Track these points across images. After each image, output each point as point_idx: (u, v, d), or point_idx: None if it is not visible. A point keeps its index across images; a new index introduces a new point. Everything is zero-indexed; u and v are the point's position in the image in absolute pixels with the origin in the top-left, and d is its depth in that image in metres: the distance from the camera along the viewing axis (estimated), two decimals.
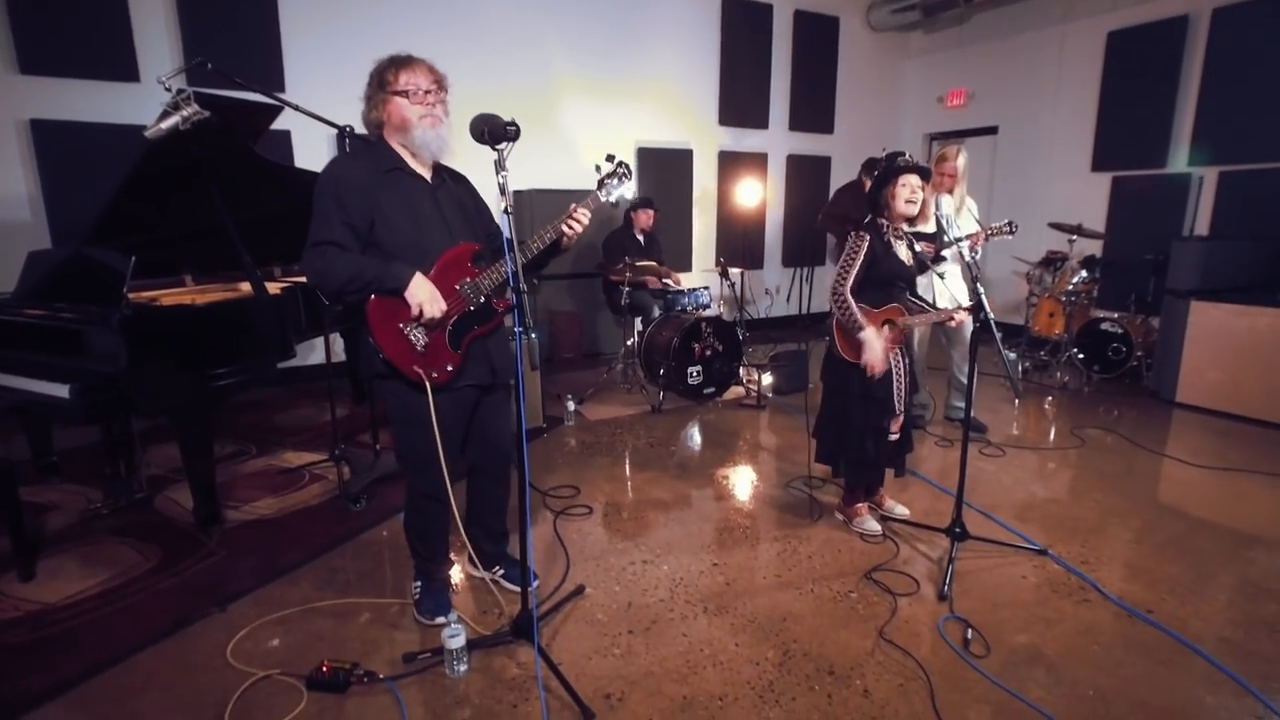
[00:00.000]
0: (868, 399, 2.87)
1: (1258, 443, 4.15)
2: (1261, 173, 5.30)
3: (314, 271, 2.01)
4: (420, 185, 2.15)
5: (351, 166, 2.08)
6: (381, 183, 2.06)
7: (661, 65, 6.65)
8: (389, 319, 2.05)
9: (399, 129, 2.09)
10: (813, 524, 3.16)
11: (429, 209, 2.15)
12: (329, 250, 1.99)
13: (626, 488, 3.58)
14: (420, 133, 2.07)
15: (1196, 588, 2.60)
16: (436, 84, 2.10)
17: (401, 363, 2.07)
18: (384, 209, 2.05)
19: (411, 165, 2.15)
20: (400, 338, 2.07)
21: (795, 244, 7.80)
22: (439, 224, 2.15)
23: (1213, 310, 4.64)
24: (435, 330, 2.11)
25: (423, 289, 2.04)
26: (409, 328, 2.07)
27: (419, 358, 2.09)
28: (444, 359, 2.13)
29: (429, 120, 2.09)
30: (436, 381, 2.10)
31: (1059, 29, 6.51)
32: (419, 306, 2.03)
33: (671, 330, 4.92)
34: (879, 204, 2.84)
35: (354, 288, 2.00)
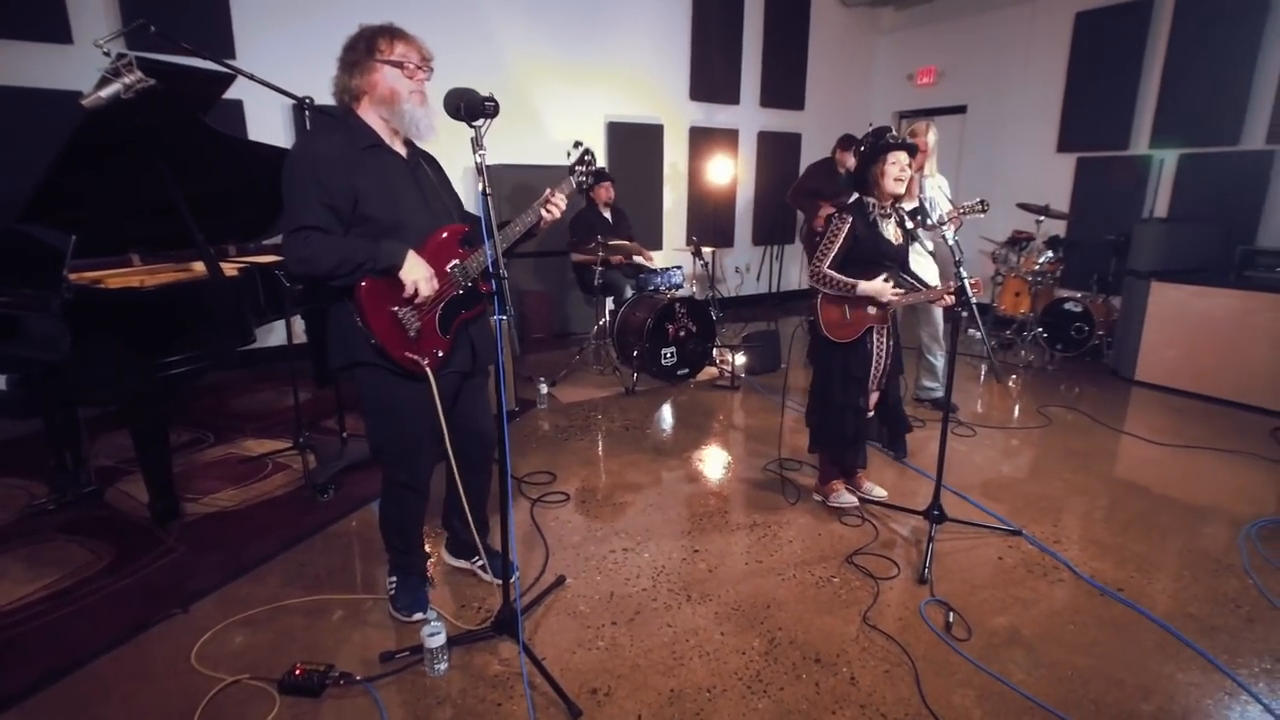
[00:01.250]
0: (847, 377, 2.86)
1: (1213, 420, 4.29)
2: (1218, 156, 5.43)
3: (298, 259, 1.88)
4: (399, 163, 2.05)
5: (327, 143, 1.94)
6: (360, 160, 1.95)
7: (632, 38, 6.48)
8: (382, 301, 1.94)
9: (384, 102, 1.97)
10: (791, 507, 3.16)
11: (410, 188, 2.05)
12: (312, 236, 1.87)
13: (603, 472, 3.53)
14: (410, 108, 1.96)
15: (1162, 565, 2.67)
16: (425, 61, 1.99)
17: (394, 348, 1.97)
18: (366, 188, 1.93)
19: (388, 142, 2.03)
20: (393, 322, 1.97)
21: (765, 222, 7.77)
22: (421, 204, 2.06)
23: (1172, 291, 4.76)
24: (427, 313, 2.01)
25: (418, 267, 1.94)
26: (402, 310, 1.97)
27: (411, 343, 1.99)
28: (434, 344, 2.04)
29: (418, 97, 1.98)
30: (428, 367, 2.01)
31: (1029, 7, 6.53)
32: (414, 285, 1.93)
33: (645, 311, 4.85)
34: (866, 182, 2.79)
35: (344, 270, 1.88)
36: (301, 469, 3.40)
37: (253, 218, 3.71)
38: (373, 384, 2.08)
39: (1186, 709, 1.95)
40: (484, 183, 1.84)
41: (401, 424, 2.11)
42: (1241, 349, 4.46)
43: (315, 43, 5.06)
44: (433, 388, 2.00)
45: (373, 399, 2.11)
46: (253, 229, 3.87)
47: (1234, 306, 4.50)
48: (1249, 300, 4.44)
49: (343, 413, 3.50)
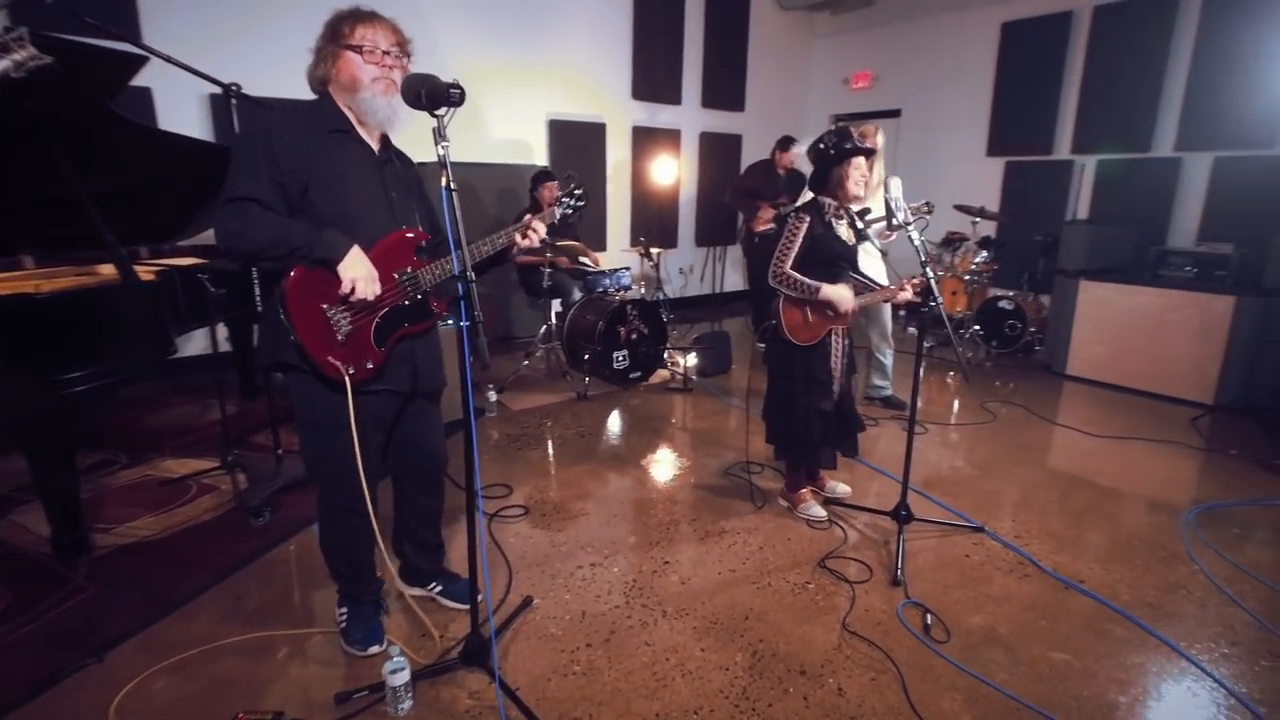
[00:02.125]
0: (810, 380, 2.83)
1: (1139, 411, 4.52)
2: (1132, 162, 5.75)
3: (228, 231, 1.70)
4: (367, 155, 1.89)
5: (290, 119, 1.78)
6: (323, 144, 1.79)
7: (573, 37, 6.34)
8: (310, 295, 1.76)
9: (347, 88, 1.81)
10: (758, 511, 3.10)
11: (374, 184, 1.89)
12: (250, 207, 1.69)
13: (561, 483, 3.39)
14: (370, 96, 1.80)
15: (1117, 555, 2.76)
16: (398, 45, 1.84)
17: (315, 350, 1.77)
18: (322, 173, 1.77)
19: (359, 132, 1.87)
20: (320, 320, 1.78)
21: (708, 223, 7.77)
22: (382, 202, 1.89)
23: (1099, 289, 5.00)
24: (362, 318, 1.83)
25: (359, 265, 1.77)
26: (334, 310, 1.78)
27: (337, 347, 1.81)
28: (365, 354, 1.86)
29: (382, 84, 1.81)
30: (354, 378, 1.82)
31: (958, 16, 6.76)
32: (352, 284, 1.75)
33: (595, 313, 4.72)
34: (827, 183, 2.77)
35: (277, 253, 1.70)
36: (232, 490, 3.11)
37: (168, 217, 3.37)
38: (304, 393, 1.89)
39: (1158, 697, 1.99)
40: (448, 177, 1.69)
41: (336, 440, 1.91)
42: (1161, 344, 4.73)
43: (232, 24, 4.72)
44: (348, 401, 1.81)
45: (304, 410, 1.92)
46: (168, 229, 3.52)
47: (1154, 304, 4.76)
48: (1167, 298, 4.71)
49: (277, 426, 3.22)
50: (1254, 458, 3.73)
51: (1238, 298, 4.40)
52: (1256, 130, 5.10)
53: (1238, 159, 5.23)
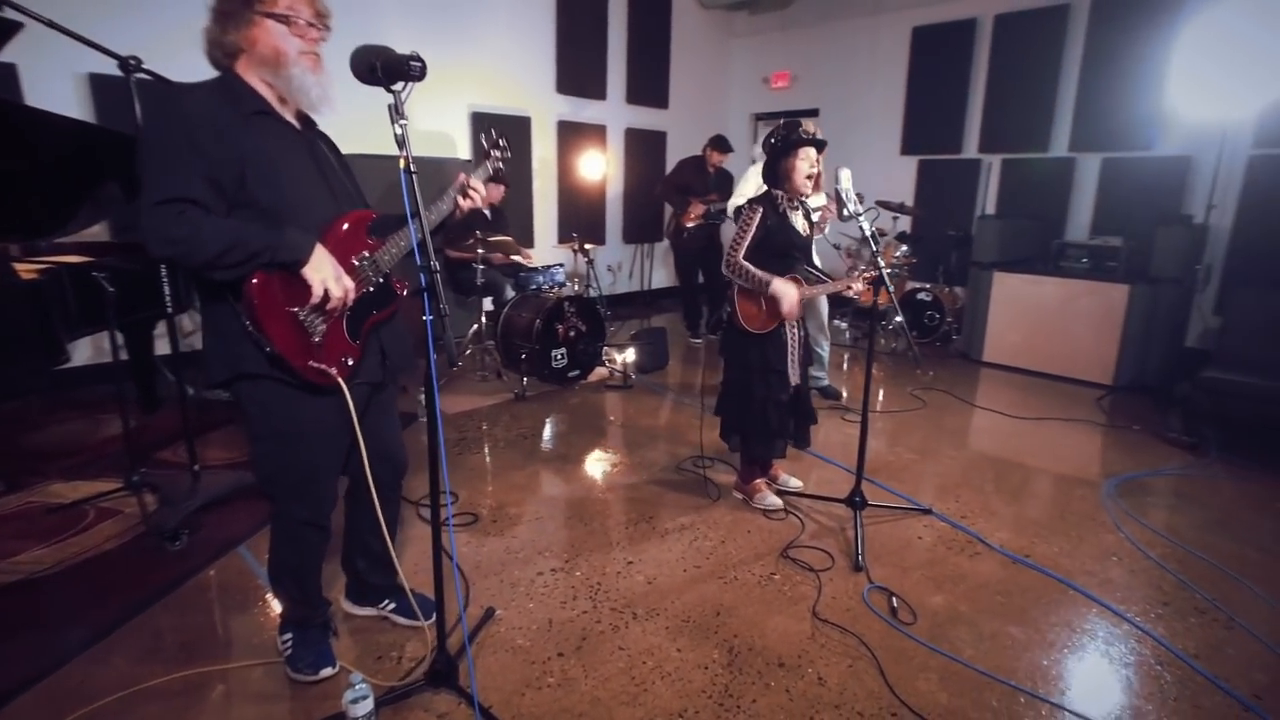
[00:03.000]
0: (767, 371, 2.83)
1: (1050, 393, 4.83)
2: (1032, 161, 6.16)
3: (169, 239, 1.47)
4: (293, 136, 1.70)
5: (203, 102, 1.54)
6: (246, 128, 1.57)
7: (496, 27, 6.13)
8: (278, 301, 1.58)
9: (267, 63, 1.61)
10: (714, 505, 3.08)
11: (308, 166, 1.70)
12: (190, 211, 1.47)
13: (509, 487, 3.24)
14: (298, 72, 1.61)
15: (1053, 529, 2.91)
16: (319, 18, 1.65)
17: (295, 357, 1.60)
18: (254, 160, 1.56)
19: (280, 111, 1.67)
20: (294, 326, 1.60)
21: (635, 220, 7.73)
22: (321, 186, 1.71)
23: (1011, 280, 5.31)
24: (334, 314, 1.66)
25: (326, 264, 1.60)
26: (305, 313, 1.61)
27: (315, 350, 1.64)
28: (343, 351, 1.70)
29: (309, 59, 1.63)
30: (335, 380, 1.66)
31: (871, 20, 7.02)
32: (322, 285, 1.58)
33: (531, 311, 4.58)
34: (776, 175, 2.77)
35: (232, 260, 1.50)
36: (139, 513, 2.79)
37: (43, 210, 2.98)
38: (261, 401, 1.70)
39: (1110, 659, 2.10)
40: (407, 158, 1.55)
41: (300, 448, 1.76)
42: (1067, 330, 5.07)
43: None
44: (348, 401, 1.67)
45: (262, 419, 1.73)
46: (44, 224, 3.12)
47: (1059, 293, 5.11)
48: (1071, 287, 5.06)
49: (192, 440, 2.92)
50: (1153, 432, 4.06)
51: (1131, 286, 4.78)
52: (1138, 133, 5.57)
53: (1123, 159, 5.69)
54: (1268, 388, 3.61)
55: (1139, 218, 5.44)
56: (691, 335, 6.21)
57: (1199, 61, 5.09)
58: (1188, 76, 5.22)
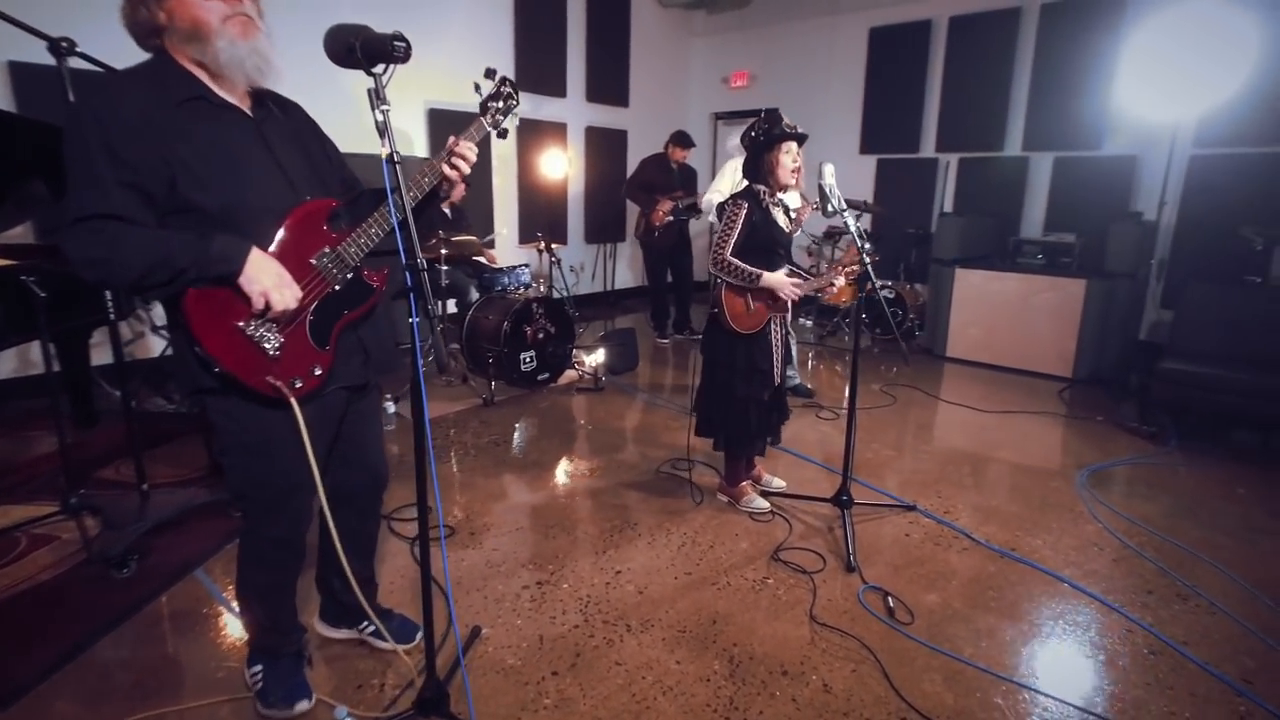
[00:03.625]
0: (752, 370, 2.77)
1: (1014, 387, 4.93)
2: (988, 160, 6.31)
3: (89, 261, 1.32)
4: (236, 120, 1.51)
5: (124, 98, 1.37)
6: (177, 120, 1.40)
7: (453, 23, 5.95)
8: (219, 317, 1.43)
9: (190, 38, 1.42)
10: (697, 508, 3.01)
11: (257, 153, 1.52)
12: (108, 227, 1.32)
13: (484, 496, 3.11)
14: (225, 44, 1.42)
15: (1035, 521, 2.93)
16: None
17: (248, 375, 1.45)
18: (187, 158, 1.39)
19: (219, 93, 1.48)
20: (241, 341, 1.45)
21: (597, 219, 7.63)
22: (274, 174, 1.54)
23: (972, 276, 5.42)
24: (291, 325, 1.51)
25: (265, 271, 1.44)
26: (253, 326, 1.46)
27: (273, 365, 1.48)
28: (309, 360, 1.55)
29: (237, 24, 1.43)
30: (301, 392, 1.51)
31: (829, 20, 7.09)
32: (262, 297, 1.42)
33: (499, 313, 4.44)
34: (759, 170, 2.72)
35: (158, 279, 1.36)
36: (79, 539, 2.55)
37: None
38: (227, 413, 1.55)
39: (1104, 649, 2.10)
40: (390, 145, 1.42)
41: (274, 461, 1.60)
42: (1027, 324, 5.19)
43: None
44: (298, 420, 1.50)
45: (230, 432, 1.58)
46: None
47: (1019, 288, 5.23)
48: (1031, 282, 5.18)
49: (140, 456, 2.69)
50: (1114, 422, 4.17)
51: (1088, 281, 4.92)
52: (1087, 134, 5.75)
53: (1073, 158, 5.87)
54: (1222, 377, 3.74)
55: (1090, 215, 5.62)
56: (659, 335, 6.15)
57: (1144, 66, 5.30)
58: (1133, 80, 5.43)
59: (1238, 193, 5.12)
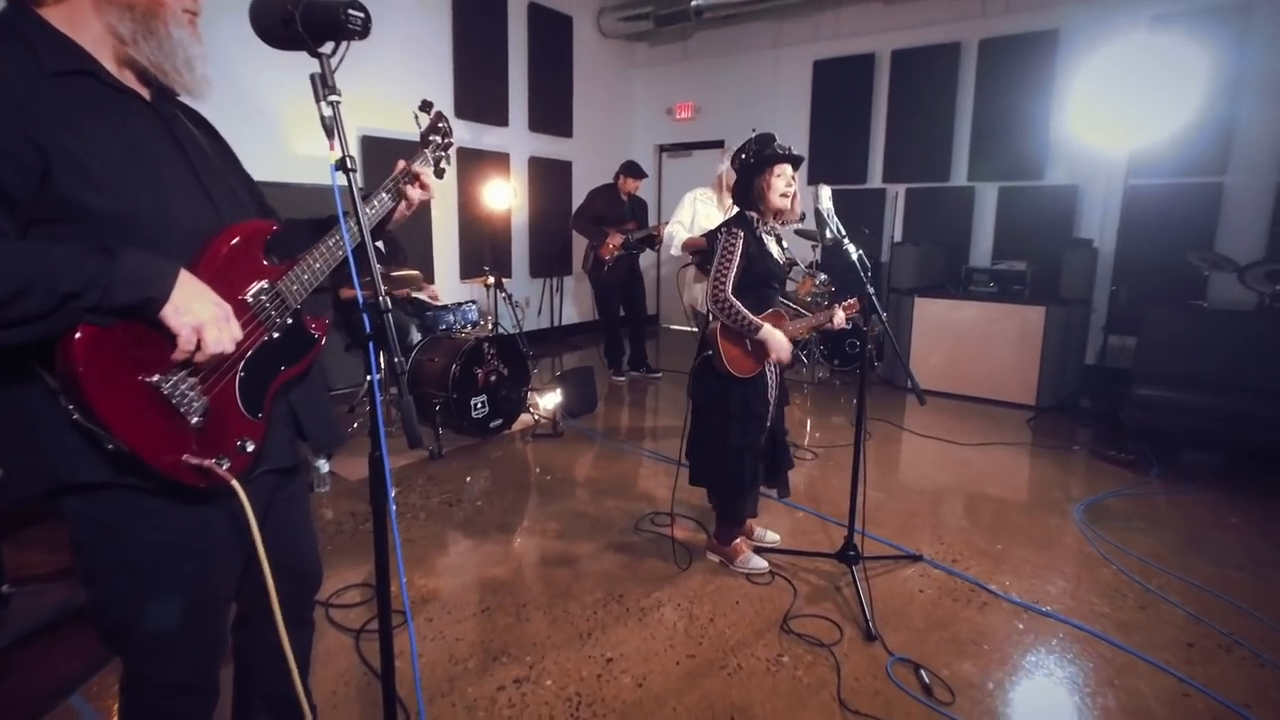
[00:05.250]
0: (748, 417, 2.49)
1: (982, 417, 4.84)
2: (935, 190, 6.37)
3: None
4: (139, 109, 1.12)
5: None
6: (51, 94, 1.00)
7: (388, 45, 5.57)
8: (120, 368, 1.01)
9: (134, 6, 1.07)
10: (686, 572, 2.67)
11: (165, 152, 1.13)
12: None
13: (441, 570, 2.68)
14: (180, 34, 1.10)
15: (1048, 566, 2.73)
16: None
17: (159, 454, 1.04)
18: (70, 145, 0.99)
19: (114, 72, 1.10)
20: (150, 403, 1.04)
21: (543, 252, 7.30)
22: (190, 183, 1.15)
23: (932, 305, 5.36)
24: (219, 380, 1.12)
25: (200, 300, 1.04)
26: (170, 382, 1.05)
27: (192, 438, 1.08)
28: (237, 431, 1.16)
29: (191, 21, 1.13)
30: (229, 475, 1.12)
31: (773, 52, 7.10)
32: (194, 333, 1.03)
33: (445, 355, 4.02)
34: (749, 195, 2.48)
35: (31, 308, 0.92)
36: None
37: None
38: (102, 523, 1.11)
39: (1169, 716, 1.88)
40: (342, 149, 1.08)
41: (169, 584, 1.18)
42: (987, 353, 5.15)
43: None
44: (246, 508, 1.12)
45: (105, 549, 1.13)
46: None
47: (978, 317, 5.20)
48: (989, 310, 5.16)
49: None
50: (1092, 451, 4.10)
51: (1047, 308, 4.93)
52: (1029, 164, 5.87)
53: (1017, 188, 5.98)
54: (1193, 403, 3.72)
55: (1036, 242, 5.70)
56: (614, 373, 5.82)
57: (1080, 100, 5.47)
58: (1071, 113, 5.60)
59: (1173, 220, 5.29)
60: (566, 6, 7.14)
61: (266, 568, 1.19)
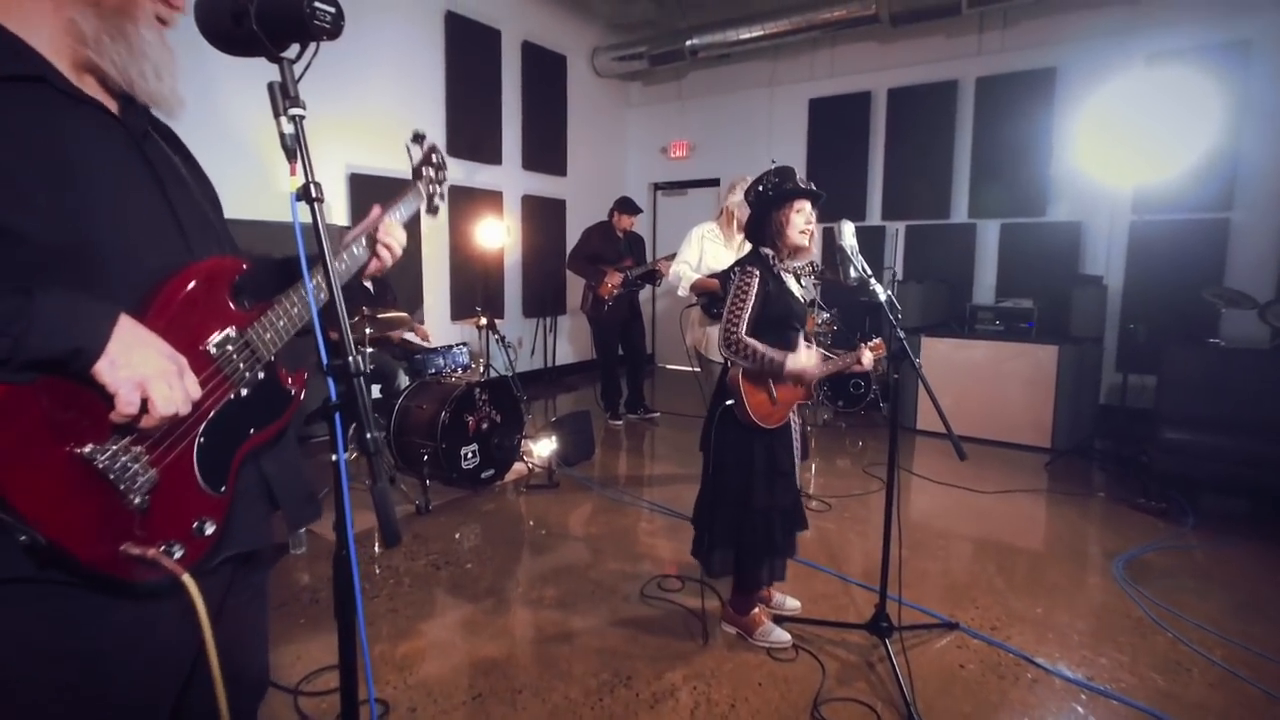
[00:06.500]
0: (772, 473, 2.26)
1: (996, 461, 4.62)
2: (935, 228, 6.27)
3: None
4: (101, 122, 0.92)
5: None
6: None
7: (377, 82, 5.46)
8: (40, 435, 0.79)
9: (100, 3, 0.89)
10: (705, 648, 2.40)
11: (133, 175, 0.94)
12: None
13: (428, 649, 2.40)
14: (152, 38, 0.92)
15: (1096, 634, 2.49)
16: None
17: (90, 546, 0.82)
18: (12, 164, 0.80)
19: (70, 78, 0.90)
20: (80, 480, 0.82)
21: (536, 291, 7.11)
22: (158, 210, 0.96)
23: (940, 345, 5.19)
24: (172, 448, 0.90)
25: (143, 351, 0.84)
26: (109, 453, 0.83)
27: (135, 522, 0.85)
28: (194, 510, 0.93)
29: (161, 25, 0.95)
30: (181, 566, 0.89)
31: (767, 91, 7.07)
32: (137, 391, 0.82)
33: (434, 402, 3.78)
34: (765, 231, 2.30)
35: None
36: None
37: None
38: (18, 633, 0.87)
39: None
40: (306, 173, 0.87)
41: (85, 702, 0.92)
42: (998, 393, 4.97)
43: None
44: (199, 610, 0.90)
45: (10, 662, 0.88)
46: None
47: (988, 356, 5.03)
48: (999, 349, 4.99)
49: None
50: (1118, 498, 3.88)
51: (1059, 347, 4.76)
52: (1031, 200, 5.79)
53: (1020, 225, 5.88)
54: (1225, 446, 3.53)
55: (1041, 279, 5.59)
56: (611, 417, 5.58)
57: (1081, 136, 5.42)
58: (1072, 149, 5.54)
59: (1180, 257, 5.17)
60: (561, 46, 7.11)
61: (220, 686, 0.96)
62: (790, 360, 2.15)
